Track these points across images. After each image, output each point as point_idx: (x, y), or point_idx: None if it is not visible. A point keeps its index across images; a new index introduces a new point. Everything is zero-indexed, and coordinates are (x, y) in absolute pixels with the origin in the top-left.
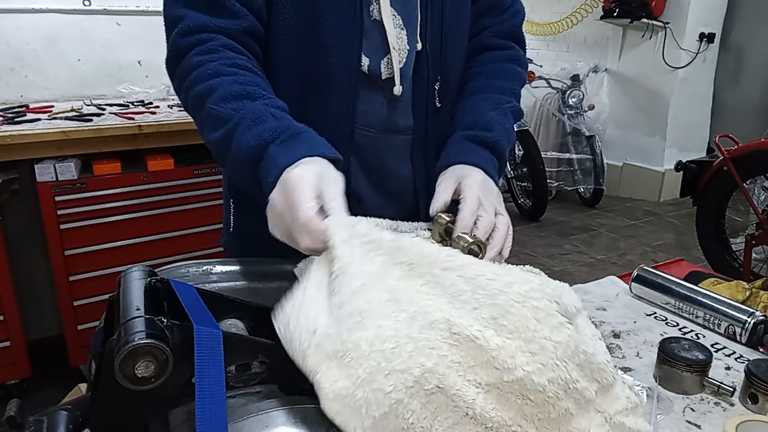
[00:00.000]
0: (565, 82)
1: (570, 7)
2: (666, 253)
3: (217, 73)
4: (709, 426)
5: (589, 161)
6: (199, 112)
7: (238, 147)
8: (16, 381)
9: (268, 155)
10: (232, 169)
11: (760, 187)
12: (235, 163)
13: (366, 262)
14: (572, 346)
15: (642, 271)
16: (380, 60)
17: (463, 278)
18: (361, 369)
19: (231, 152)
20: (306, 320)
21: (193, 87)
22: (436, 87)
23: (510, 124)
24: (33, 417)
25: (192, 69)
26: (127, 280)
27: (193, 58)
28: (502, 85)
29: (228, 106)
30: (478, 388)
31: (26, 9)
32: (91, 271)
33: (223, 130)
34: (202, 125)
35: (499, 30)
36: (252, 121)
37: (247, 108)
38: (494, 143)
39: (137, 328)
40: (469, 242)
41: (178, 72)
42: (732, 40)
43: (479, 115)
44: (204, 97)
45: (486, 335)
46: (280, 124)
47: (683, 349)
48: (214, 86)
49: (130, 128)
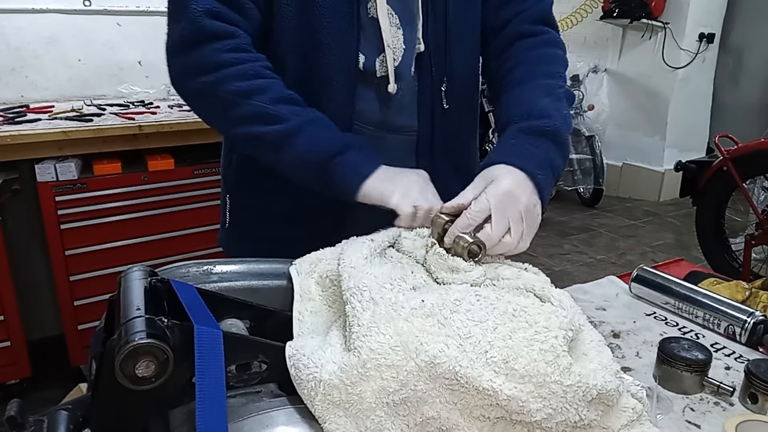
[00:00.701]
0: None
1: (570, 8)
2: (666, 253)
3: (258, 74)
4: (708, 426)
5: (589, 161)
6: (236, 108)
7: (312, 141)
8: (16, 381)
9: (348, 157)
10: (295, 161)
11: (760, 187)
12: (302, 157)
13: (377, 298)
14: (582, 386)
15: (642, 271)
16: (375, 58)
17: (473, 321)
18: (369, 420)
19: (297, 146)
20: (315, 368)
21: (230, 83)
22: (442, 88)
23: (566, 110)
24: (33, 417)
25: (225, 64)
26: (127, 280)
27: (223, 55)
28: (547, 69)
29: (284, 108)
30: (484, 422)
31: (26, 9)
32: (92, 271)
33: (282, 126)
34: (241, 121)
35: (529, 15)
36: (326, 126)
37: (311, 115)
38: (555, 131)
39: (138, 328)
40: (469, 242)
41: (193, 59)
42: (731, 40)
43: (533, 103)
44: (248, 94)
45: (496, 385)
46: (351, 135)
47: (683, 349)
48: (261, 86)
49: (131, 128)
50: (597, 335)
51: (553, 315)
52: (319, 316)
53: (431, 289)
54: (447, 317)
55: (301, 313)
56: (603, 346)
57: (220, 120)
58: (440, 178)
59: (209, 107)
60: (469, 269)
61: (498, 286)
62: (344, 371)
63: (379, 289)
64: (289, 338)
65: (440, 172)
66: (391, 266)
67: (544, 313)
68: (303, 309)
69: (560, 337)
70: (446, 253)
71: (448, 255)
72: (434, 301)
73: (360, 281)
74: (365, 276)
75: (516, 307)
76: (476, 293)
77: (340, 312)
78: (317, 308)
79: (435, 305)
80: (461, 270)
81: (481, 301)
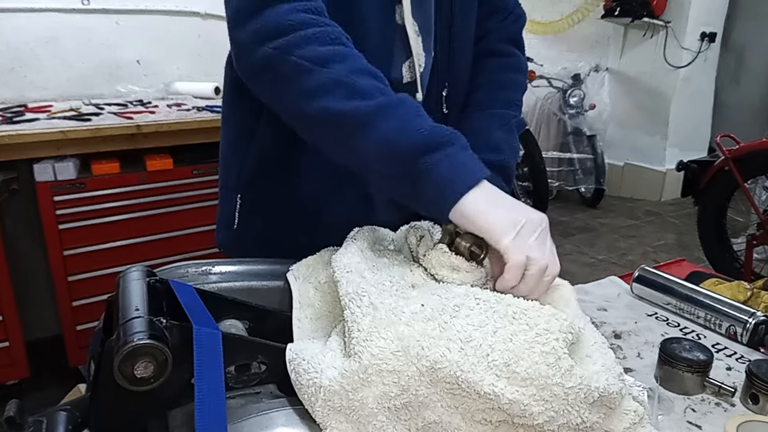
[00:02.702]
0: (566, 82)
1: (571, 6)
2: (667, 253)
3: (339, 40)
4: (710, 426)
5: (590, 161)
6: (313, 74)
7: (402, 128)
8: (15, 381)
9: (451, 154)
10: (380, 143)
11: (762, 187)
12: (386, 138)
13: (377, 302)
14: (584, 388)
15: (643, 272)
16: (401, 65)
17: (473, 326)
18: (371, 426)
19: (381, 127)
20: (315, 373)
21: (308, 45)
22: (443, 94)
23: (516, 142)
24: (32, 417)
25: (304, 25)
26: (126, 280)
27: (302, 14)
28: (506, 96)
29: (367, 81)
30: (486, 425)
31: (25, 8)
32: (91, 271)
33: (366, 102)
34: (317, 88)
35: (503, 35)
36: (417, 112)
37: (399, 95)
38: (503, 166)
39: (137, 329)
40: (470, 243)
41: (269, 13)
42: (733, 39)
43: (487, 135)
44: (326, 60)
45: (498, 389)
46: (447, 128)
47: (684, 350)
48: (342, 54)
49: (129, 128)
50: (600, 337)
51: (554, 318)
52: (319, 321)
53: (430, 290)
54: (447, 321)
55: (300, 320)
56: (606, 348)
57: (291, 93)
58: None
59: (278, 78)
60: (469, 270)
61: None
62: (345, 377)
63: (379, 294)
64: (289, 339)
65: None
66: (388, 262)
67: (545, 315)
68: (302, 316)
69: (561, 340)
70: (449, 251)
71: (451, 253)
72: (434, 305)
73: (358, 286)
74: (363, 281)
75: (516, 309)
76: (476, 296)
77: (340, 317)
78: (317, 314)
79: (435, 309)
80: (462, 270)
81: (480, 304)
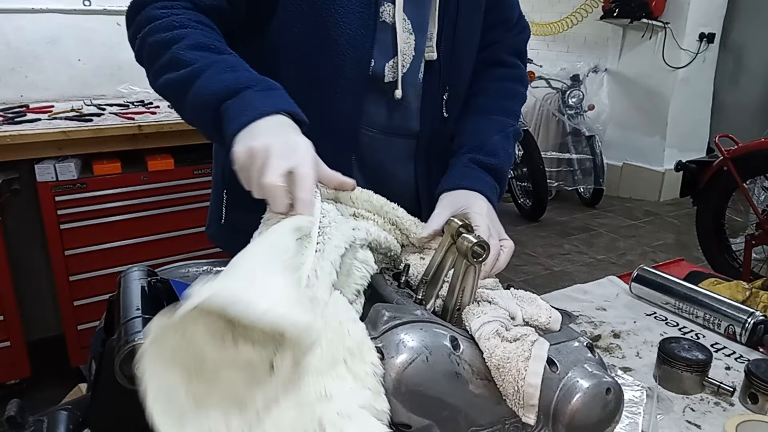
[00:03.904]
0: (565, 82)
1: (570, 7)
2: (666, 253)
3: (182, 25)
4: (709, 426)
5: (589, 161)
6: (158, 58)
7: (206, 85)
8: (16, 381)
9: (243, 96)
10: (192, 105)
11: (760, 187)
12: (197, 99)
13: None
14: None
15: (642, 271)
16: (385, 63)
17: None
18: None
19: (194, 89)
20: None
21: (155, 34)
22: (444, 97)
23: (512, 148)
24: (33, 417)
25: (154, 18)
26: (127, 280)
27: (156, 11)
28: (506, 105)
29: (195, 53)
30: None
31: (26, 9)
32: (91, 271)
33: (186, 70)
34: (159, 70)
35: (509, 46)
36: (228, 68)
37: (218, 58)
38: (498, 170)
39: (137, 328)
40: (473, 242)
41: (138, 20)
42: (732, 40)
43: (485, 138)
44: (167, 44)
45: None
46: (256, 75)
47: (683, 349)
48: (180, 35)
49: (130, 128)
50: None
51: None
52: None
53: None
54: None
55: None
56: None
57: (150, 74)
58: (434, 183)
59: (144, 63)
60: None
61: None
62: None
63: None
64: None
65: (434, 178)
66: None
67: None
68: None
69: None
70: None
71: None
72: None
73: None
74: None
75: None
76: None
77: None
78: None
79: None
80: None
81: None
